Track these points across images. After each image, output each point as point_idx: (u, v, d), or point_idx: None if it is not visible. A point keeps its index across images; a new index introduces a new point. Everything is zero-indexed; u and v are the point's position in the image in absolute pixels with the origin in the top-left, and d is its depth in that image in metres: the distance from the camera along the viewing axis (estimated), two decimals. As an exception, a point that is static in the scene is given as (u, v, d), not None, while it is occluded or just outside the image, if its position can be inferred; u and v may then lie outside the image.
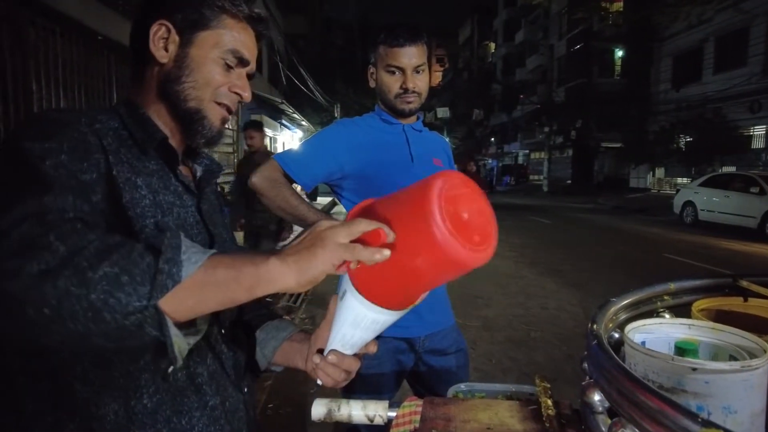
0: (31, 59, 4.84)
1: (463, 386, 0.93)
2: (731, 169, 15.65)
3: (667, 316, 1.01)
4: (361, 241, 0.59)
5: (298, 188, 1.53)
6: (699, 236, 10.52)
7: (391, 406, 0.94)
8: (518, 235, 10.34)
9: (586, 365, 0.78)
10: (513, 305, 5.23)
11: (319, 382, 0.80)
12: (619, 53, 25.26)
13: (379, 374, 1.52)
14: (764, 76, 15.44)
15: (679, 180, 19.57)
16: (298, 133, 20.15)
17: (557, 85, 28.81)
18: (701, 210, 12.14)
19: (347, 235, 0.58)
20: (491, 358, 3.72)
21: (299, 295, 5.36)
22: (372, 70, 1.57)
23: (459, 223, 0.58)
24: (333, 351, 0.74)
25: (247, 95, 0.83)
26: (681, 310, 1.03)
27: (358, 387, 1.53)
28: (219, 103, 0.81)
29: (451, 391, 0.93)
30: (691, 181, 14.69)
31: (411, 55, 1.46)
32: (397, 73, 1.49)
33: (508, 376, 3.46)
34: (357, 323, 0.71)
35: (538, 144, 31.33)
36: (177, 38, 0.77)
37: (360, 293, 0.66)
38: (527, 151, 37.34)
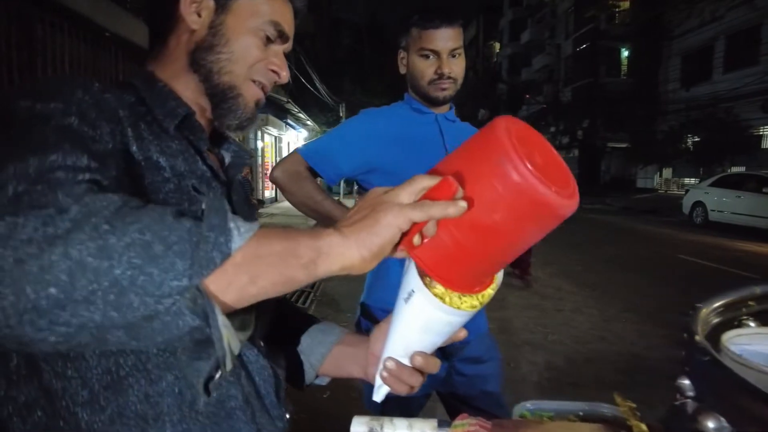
0: (39, 56, 4.77)
1: (528, 404, 0.82)
2: (740, 169, 15.46)
3: (752, 324, 0.89)
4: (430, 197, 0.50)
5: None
6: (711, 237, 10.36)
7: (441, 425, 0.83)
8: (527, 235, 10.21)
9: (686, 382, 0.67)
10: (528, 307, 5.11)
11: (380, 394, 0.68)
12: (626, 52, 25.07)
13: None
14: (777, 74, 15.25)
15: (687, 180, 19.38)
16: (303, 133, 20.09)
17: (564, 85, 28.63)
18: (711, 210, 11.97)
19: (409, 194, 0.49)
20: (510, 362, 3.60)
21: (308, 295, 5.26)
22: (402, 54, 1.46)
23: (534, 164, 0.48)
24: (419, 353, 0.63)
25: (285, 74, 0.74)
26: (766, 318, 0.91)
27: (384, 400, 1.43)
28: (254, 81, 0.71)
29: (516, 411, 0.82)
30: (699, 181, 14.53)
31: (447, 38, 1.36)
32: (431, 57, 1.38)
33: (527, 381, 3.35)
34: (429, 328, 0.60)
35: (544, 144, 31.14)
36: (212, 3, 0.69)
37: (430, 276, 0.55)
38: (533, 152, 37.10)
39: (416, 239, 0.51)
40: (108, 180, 0.49)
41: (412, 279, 0.58)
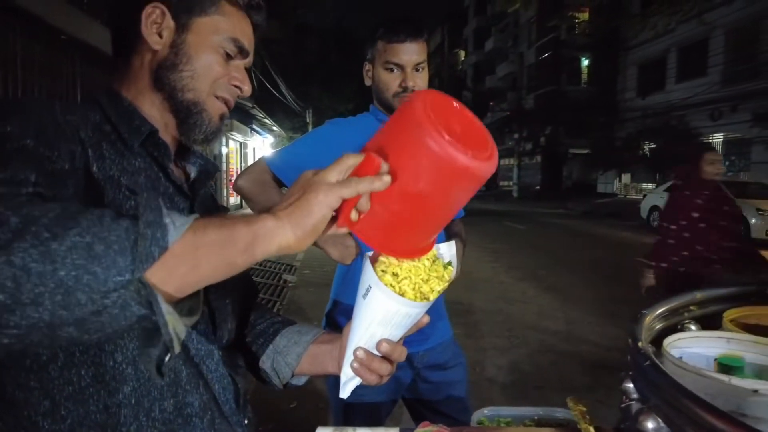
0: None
1: (486, 411, 0.84)
2: (693, 174, 16.17)
3: (693, 327, 0.95)
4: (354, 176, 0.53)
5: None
6: (667, 240, 10.77)
7: (403, 433, 0.85)
8: (493, 240, 10.39)
9: (630, 386, 0.71)
10: (494, 312, 5.20)
11: (346, 390, 0.70)
12: (587, 62, 25.94)
13: (377, 393, 1.42)
14: (723, 85, 16.06)
15: (645, 185, 20.12)
16: (269, 139, 19.87)
17: (527, 93, 29.34)
18: (667, 214, 12.47)
19: (337, 173, 0.52)
20: (476, 366, 3.66)
21: (275, 304, 5.20)
22: (368, 67, 1.47)
23: (452, 133, 0.52)
24: (385, 340, 0.66)
25: (247, 89, 0.77)
26: (707, 321, 0.97)
27: (353, 408, 1.43)
28: (218, 97, 0.74)
29: (474, 417, 0.84)
30: (656, 186, 15.11)
31: (412, 52, 1.38)
32: (396, 70, 1.40)
33: (493, 385, 3.40)
34: (388, 320, 0.63)
35: (508, 150, 31.79)
36: (172, 23, 0.71)
37: (372, 247, 0.59)
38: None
39: (353, 215, 0.55)
40: (59, 195, 0.51)
41: (368, 275, 0.62)
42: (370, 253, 0.65)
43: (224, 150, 14.95)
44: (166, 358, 0.46)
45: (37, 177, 0.50)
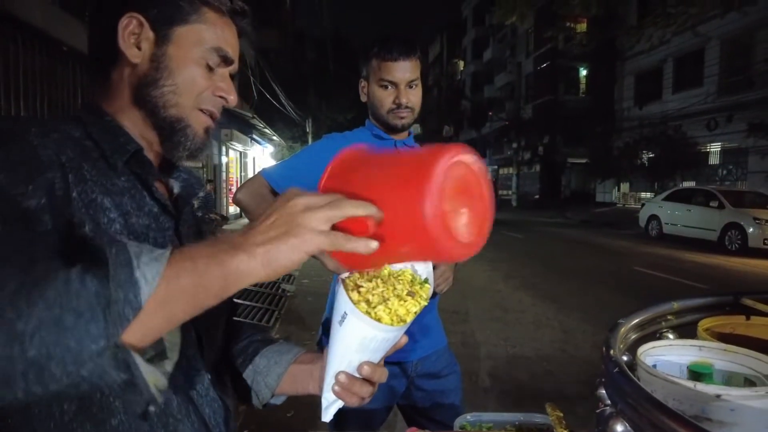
0: (-9, 69, 4.63)
1: (469, 416, 0.88)
2: (691, 183, 16.29)
3: (671, 336, 0.99)
4: (344, 226, 0.52)
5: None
6: (665, 249, 10.82)
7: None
8: (491, 249, 10.41)
9: (603, 392, 0.74)
10: (490, 320, 5.22)
11: (328, 413, 0.72)
12: (584, 72, 26.15)
13: (371, 401, 1.45)
14: (719, 95, 16.19)
15: (643, 194, 20.21)
16: (269, 148, 19.97)
17: (525, 102, 29.56)
18: (665, 224, 12.53)
19: (327, 220, 0.50)
20: (471, 375, 3.68)
21: (272, 313, 5.22)
22: (363, 83, 1.52)
23: (456, 213, 0.54)
24: (366, 362, 0.66)
25: (232, 98, 0.74)
26: (684, 330, 1.01)
27: (347, 415, 1.46)
28: (202, 110, 0.72)
29: (457, 423, 0.87)
30: (655, 195, 15.20)
31: (405, 70, 1.43)
32: (390, 87, 1.45)
33: (489, 394, 3.42)
34: (365, 346, 0.64)
35: (507, 160, 31.94)
36: (151, 35, 0.67)
37: (338, 261, 0.61)
38: (496, 167, 38.04)
39: None
40: (31, 240, 0.49)
41: (343, 302, 0.62)
42: (344, 276, 0.65)
43: (224, 159, 15.01)
44: (150, 410, 0.45)
45: (3, 225, 0.47)
